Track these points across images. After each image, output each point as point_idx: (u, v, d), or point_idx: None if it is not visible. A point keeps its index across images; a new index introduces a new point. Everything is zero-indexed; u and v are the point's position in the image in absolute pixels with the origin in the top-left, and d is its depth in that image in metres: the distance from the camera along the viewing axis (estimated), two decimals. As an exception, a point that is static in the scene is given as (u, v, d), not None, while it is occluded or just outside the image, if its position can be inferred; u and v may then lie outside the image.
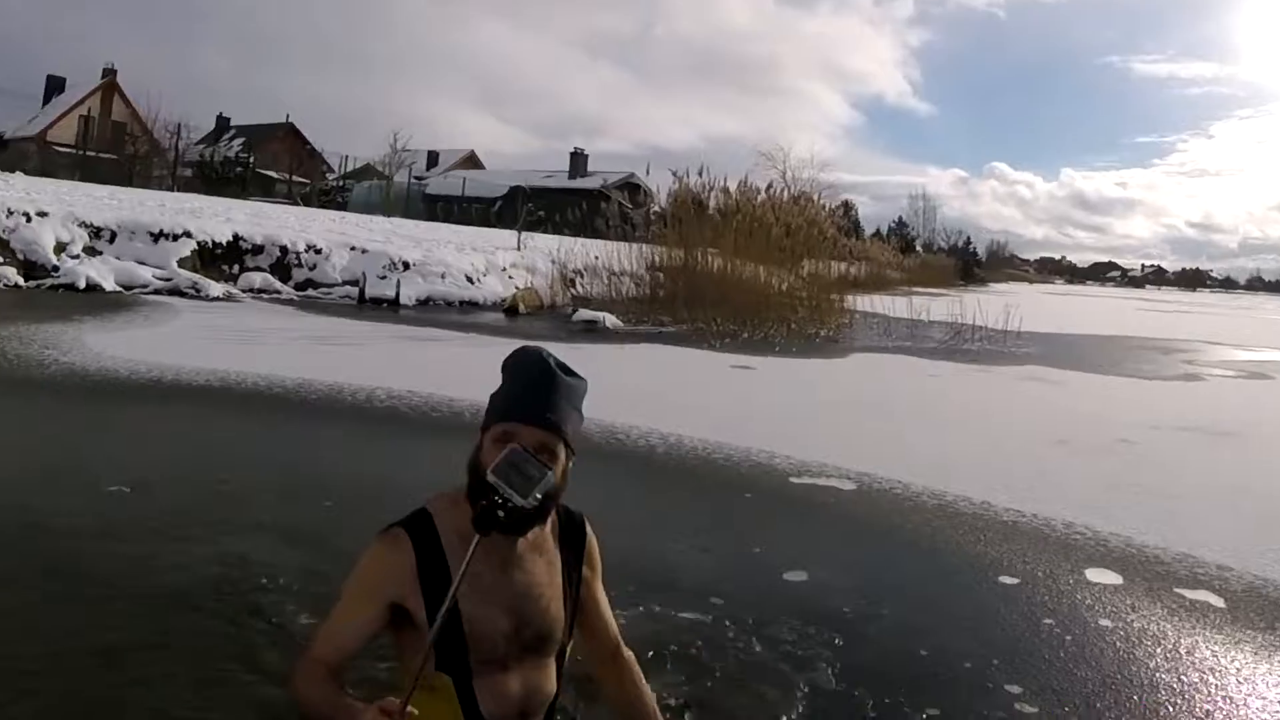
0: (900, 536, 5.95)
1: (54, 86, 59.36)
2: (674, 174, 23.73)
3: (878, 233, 60.21)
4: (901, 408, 10.95)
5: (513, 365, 2.65)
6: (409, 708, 2.08)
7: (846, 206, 28.55)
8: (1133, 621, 4.71)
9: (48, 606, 3.85)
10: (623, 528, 4.80)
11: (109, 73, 57.36)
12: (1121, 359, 18.50)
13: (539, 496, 2.28)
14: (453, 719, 2.47)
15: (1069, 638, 4.42)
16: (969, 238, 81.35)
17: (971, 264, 69.28)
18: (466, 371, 10.84)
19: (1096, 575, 5.35)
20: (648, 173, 43.17)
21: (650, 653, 3.77)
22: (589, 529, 2.92)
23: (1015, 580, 5.19)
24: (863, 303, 24.61)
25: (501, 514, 2.23)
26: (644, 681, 2.90)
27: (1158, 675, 4.08)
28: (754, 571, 5.10)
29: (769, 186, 23.58)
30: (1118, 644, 4.41)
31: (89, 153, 44.25)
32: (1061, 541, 5.97)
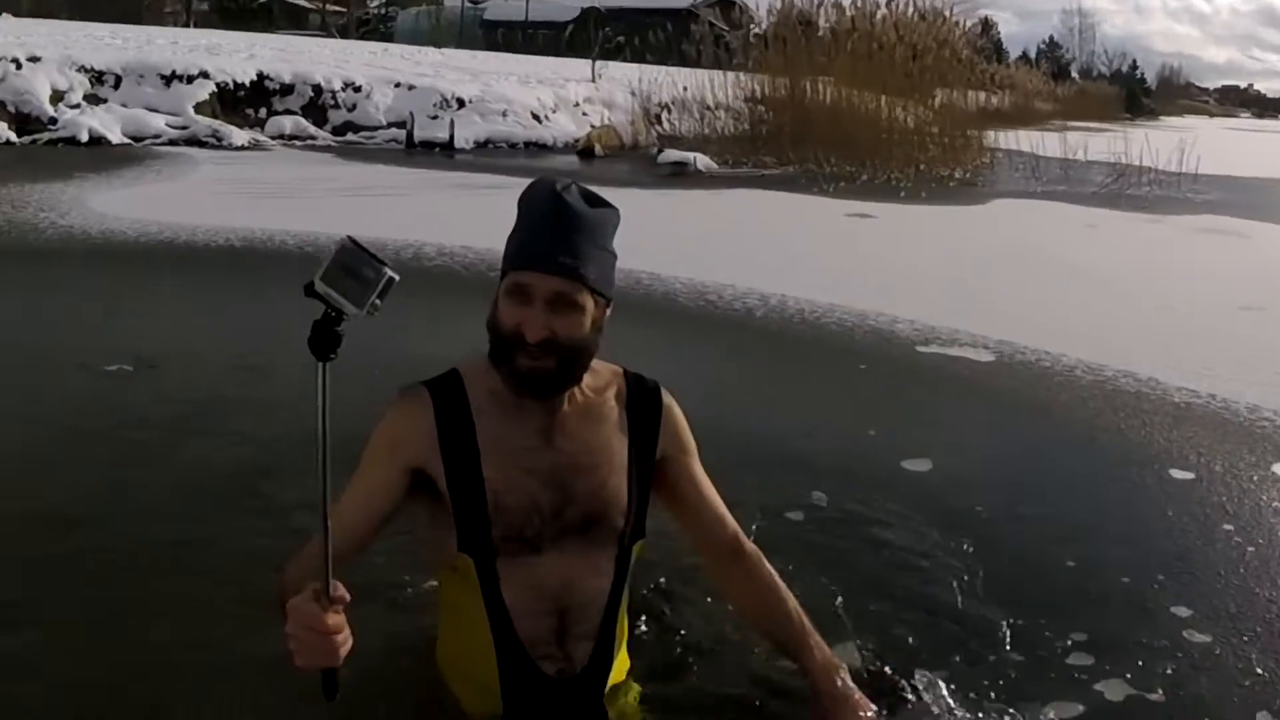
0: (1047, 420, 5.75)
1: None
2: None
3: (1024, 56, 58.57)
4: (1051, 265, 10.53)
5: (524, 200, 2.50)
6: (337, 589, 1.97)
7: (986, 25, 27.58)
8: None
9: (44, 500, 3.88)
10: (709, 404, 4.63)
11: (109, -114, 57.31)
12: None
13: (378, 303, 2.01)
14: (474, 607, 2.42)
15: (1251, 549, 4.14)
16: (1135, 61, 78.24)
17: (1139, 93, 66.77)
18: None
19: None
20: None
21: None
22: (667, 399, 2.76)
23: (1188, 475, 4.90)
24: (1006, 139, 23.68)
25: (339, 329, 1.99)
26: (780, 583, 2.73)
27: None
28: (868, 459, 4.93)
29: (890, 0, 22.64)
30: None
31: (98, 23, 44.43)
32: (1245, 429, 5.66)
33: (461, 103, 20.46)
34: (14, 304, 7.09)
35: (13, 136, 15.48)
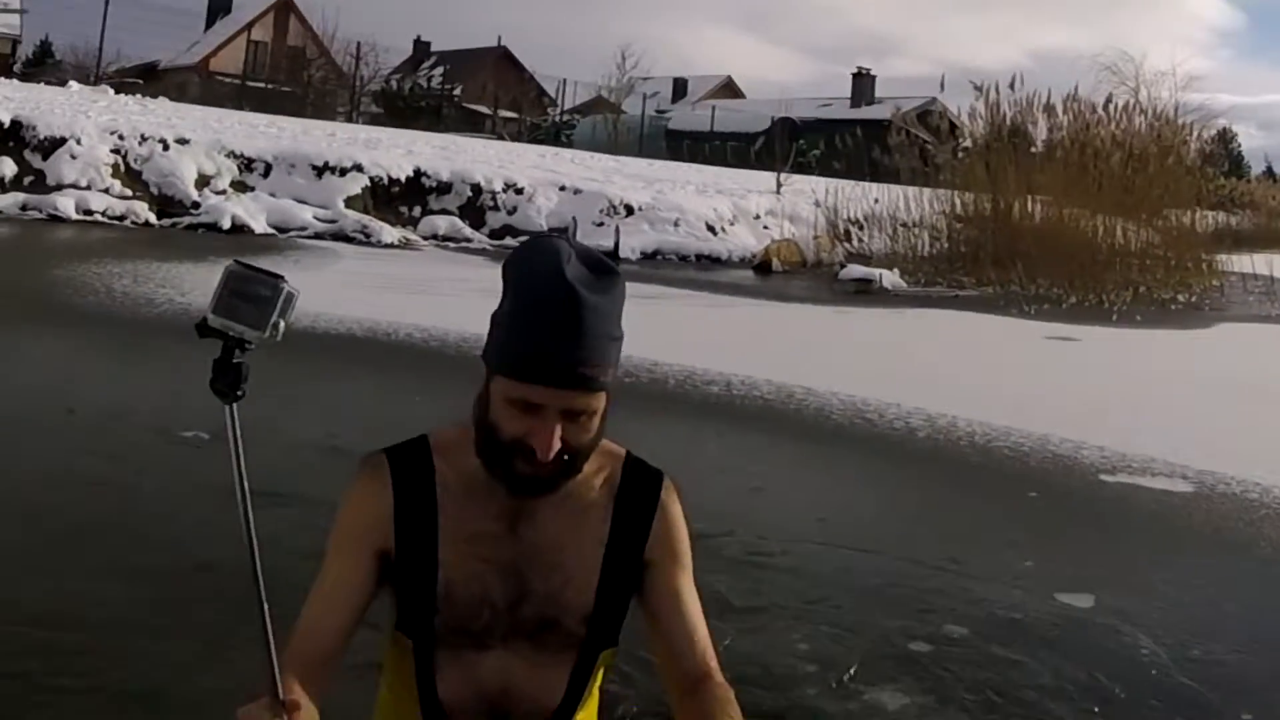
0: (1246, 556, 5.42)
1: (218, 7, 62.53)
2: (975, 86, 22.85)
3: (1269, 171, 57.05)
4: (1276, 392, 10.11)
5: (520, 281, 2.17)
6: (291, 693, 1.84)
7: (1224, 136, 26.88)
8: None
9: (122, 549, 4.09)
10: (848, 529, 5.01)
11: (281, -11, 59.88)
12: None
13: (280, 323, 1.79)
14: (408, 693, 2.26)
15: None
16: None
17: None
18: (685, 332, 10.70)
19: None
20: (941, 88, 42.16)
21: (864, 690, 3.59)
22: (666, 493, 2.41)
23: None
24: (1243, 262, 22.86)
25: (240, 363, 1.79)
26: None
27: None
28: (1019, 592, 4.68)
29: (1108, 102, 22.25)
30: None
31: (258, 83, 46.35)
32: None
33: (630, 210, 20.62)
34: (106, 367, 7.42)
35: (153, 218, 16.04)
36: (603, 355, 2.08)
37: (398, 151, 20.56)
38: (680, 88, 70.40)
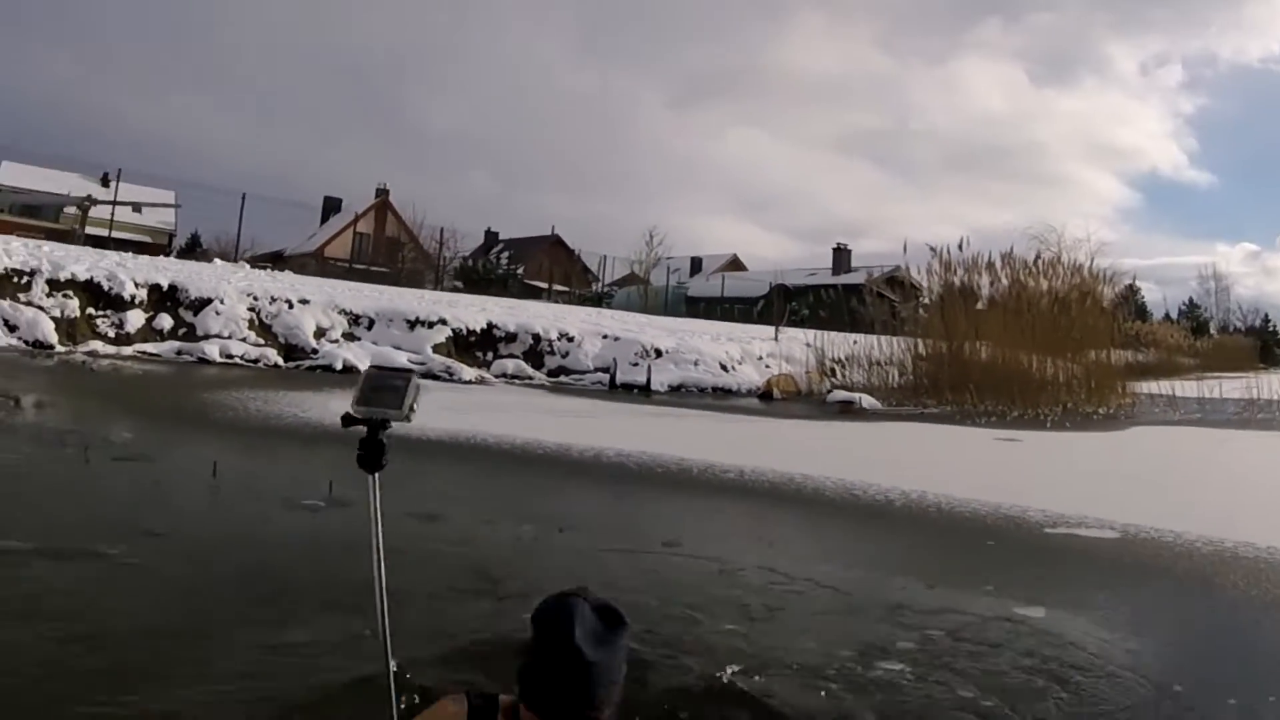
0: (1164, 579, 5.46)
1: (331, 207, 63.63)
2: (931, 249, 23.09)
3: (1167, 317, 57.08)
4: (1182, 469, 10.15)
5: (542, 636, 2.20)
6: None
7: (1131, 289, 27.02)
8: None
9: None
10: (843, 568, 5.19)
11: (382, 193, 60.90)
12: None
13: (415, 407, 2.18)
14: None
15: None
16: (1267, 316, 76.14)
17: (1272, 344, 64.60)
18: (705, 439, 10.78)
19: None
20: (905, 251, 42.45)
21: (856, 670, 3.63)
22: None
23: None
24: (1149, 387, 23.25)
25: (382, 440, 2.19)
26: None
27: None
28: (983, 607, 4.74)
29: (1037, 258, 22.51)
30: None
31: (362, 265, 47.07)
32: None
33: (659, 353, 20.73)
34: (246, 460, 7.51)
35: (280, 361, 16.20)
36: (604, 699, 2.10)
37: (474, 309, 20.78)
38: (696, 264, 71.04)
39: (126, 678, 3.22)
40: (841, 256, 59.95)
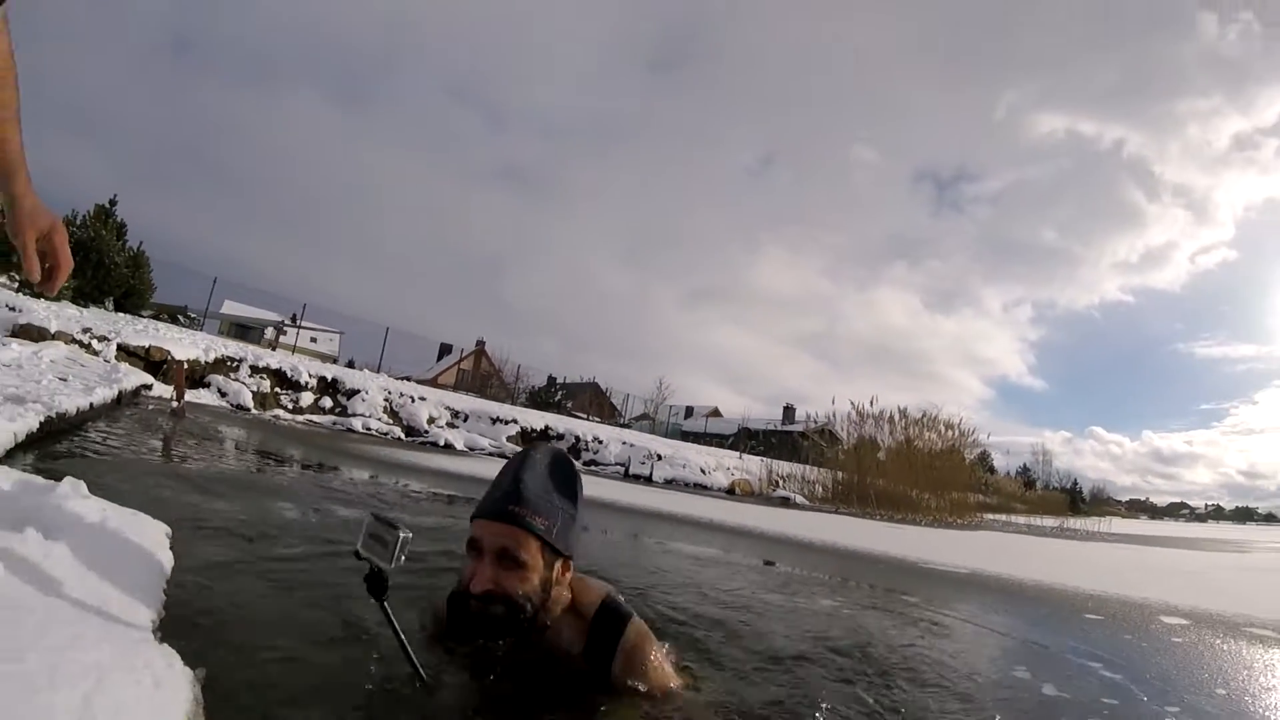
0: (993, 594, 5.33)
1: (444, 350, 64.40)
2: (852, 404, 23.21)
3: (1008, 474, 56.94)
4: (1013, 551, 10.15)
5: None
6: None
7: (984, 454, 27.09)
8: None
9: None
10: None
11: (480, 343, 61.41)
12: (1175, 542, 16.98)
13: (401, 558, 1.69)
14: None
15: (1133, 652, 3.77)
16: (1076, 481, 77.14)
17: (1078, 500, 64.74)
18: (686, 504, 10.70)
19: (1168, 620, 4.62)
20: (833, 422, 42.39)
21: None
22: (631, 629, 1.87)
23: (1098, 617, 4.57)
24: (992, 515, 23.66)
25: (383, 576, 1.72)
26: None
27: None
28: (897, 615, 4.65)
29: (923, 416, 22.58)
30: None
31: (463, 392, 47.54)
32: (1137, 604, 5.23)
33: (660, 456, 20.67)
34: (384, 477, 7.36)
35: (402, 435, 16.22)
36: (535, 506, 1.78)
37: (535, 416, 20.89)
38: (689, 410, 71.03)
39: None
40: (790, 412, 60.12)
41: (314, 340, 38.98)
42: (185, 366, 12.93)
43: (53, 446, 4.29)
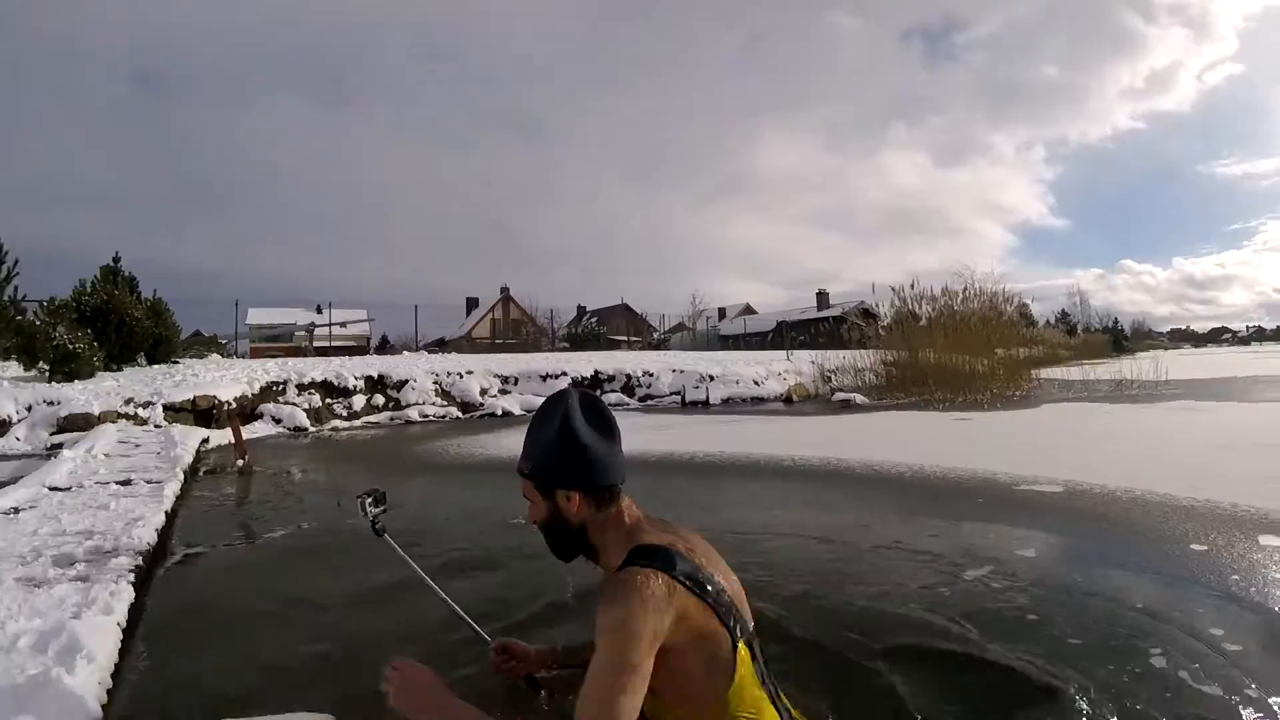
0: (1102, 522, 5.15)
1: (471, 304, 64.48)
2: (894, 290, 22.82)
3: (1047, 322, 56.38)
4: (1088, 436, 9.69)
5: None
6: None
7: (1023, 306, 26.60)
8: None
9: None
10: (877, 527, 4.89)
11: (504, 290, 61.03)
12: (1247, 391, 16.28)
13: (372, 511, 2.66)
14: None
15: (1252, 589, 3.66)
16: (1116, 319, 76.03)
17: (1120, 339, 63.83)
18: (753, 437, 10.59)
19: (1267, 541, 4.46)
20: (874, 292, 41.91)
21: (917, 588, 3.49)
22: (615, 579, 1.92)
23: (1201, 548, 4.37)
24: (1044, 373, 23.21)
25: (377, 527, 2.70)
26: None
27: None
28: (986, 546, 4.54)
29: (964, 290, 22.15)
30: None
31: (498, 340, 47.59)
32: (1231, 517, 5.02)
33: (712, 378, 20.57)
34: (461, 492, 7.36)
35: (459, 414, 16.30)
36: (525, 452, 2.13)
37: (582, 361, 20.72)
38: (722, 312, 70.64)
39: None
40: (823, 298, 59.54)
41: (343, 327, 39.01)
42: (235, 409, 12.97)
43: (147, 604, 3.85)
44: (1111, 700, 2.60)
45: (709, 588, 1.92)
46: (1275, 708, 2.54)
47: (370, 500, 2.65)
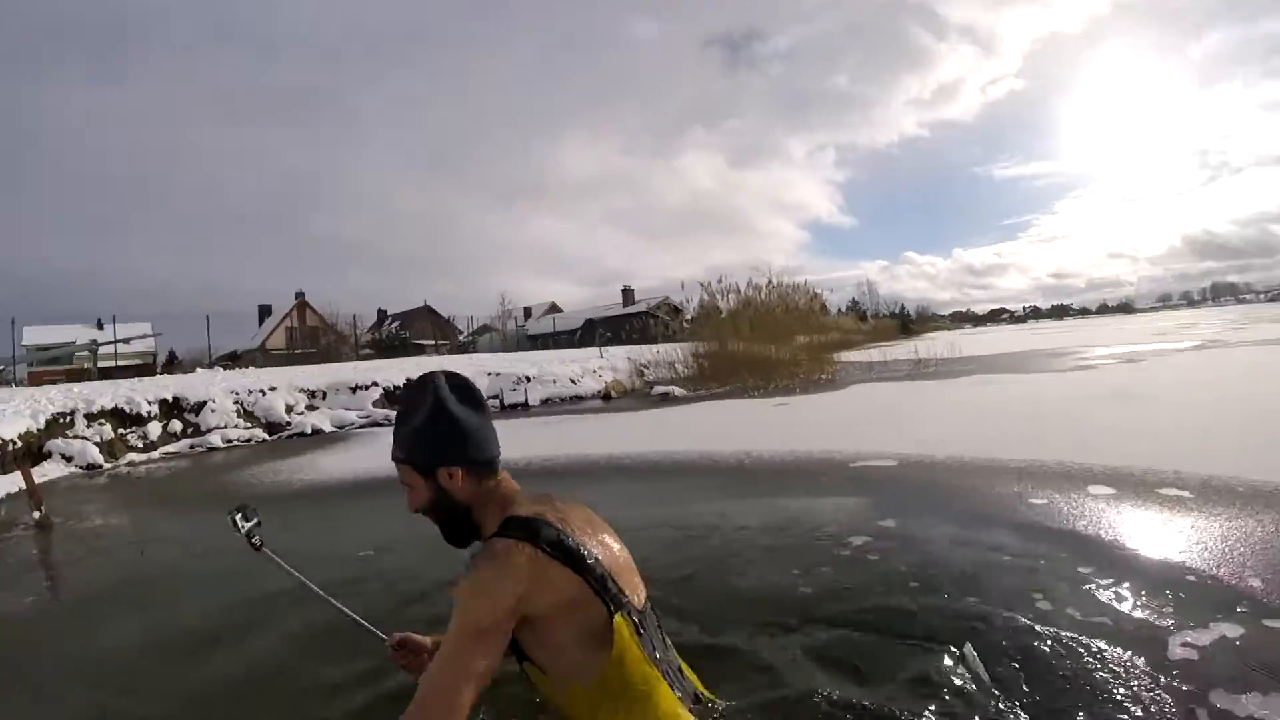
0: (941, 489, 5.46)
1: (264, 311, 60.77)
2: (702, 285, 23.53)
3: (840, 310, 60.30)
4: (905, 412, 10.34)
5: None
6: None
7: (817, 296, 28.27)
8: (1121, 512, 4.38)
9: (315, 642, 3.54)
10: (734, 513, 4.87)
11: (299, 295, 58.02)
12: (1031, 363, 17.85)
13: (242, 525, 2.58)
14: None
15: (1099, 530, 4.03)
16: (903, 305, 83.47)
17: (907, 322, 69.65)
18: (582, 437, 10.52)
19: (1097, 490, 4.91)
20: (682, 289, 43.03)
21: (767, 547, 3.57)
22: (481, 548, 1.95)
23: (1041, 501, 4.76)
24: (843, 356, 24.92)
25: (254, 541, 2.64)
26: None
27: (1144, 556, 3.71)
28: (844, 515, 4.75)
29: (767, 284, 23.20)
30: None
31: (296, 350, 45.11)
32: (1061, 474, 5.47)
33: (529, 379, 20.35)
34: (284, 524, 6.75)
35: (265, 436, 15.21)
36: (395, 440, 2.13)
37: (393, 371, 19.94)
38: (528, 311, 70.37)
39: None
40: (629, 294, 60.47)
41: (128, 343, 35.73)
42: (22, 450, 11.49)
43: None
44: (1004, 637, 2.81)
45: (579, 556, 1.91)
46: (1129, 614, 2.73)
47: (240, 515, 2.53)
